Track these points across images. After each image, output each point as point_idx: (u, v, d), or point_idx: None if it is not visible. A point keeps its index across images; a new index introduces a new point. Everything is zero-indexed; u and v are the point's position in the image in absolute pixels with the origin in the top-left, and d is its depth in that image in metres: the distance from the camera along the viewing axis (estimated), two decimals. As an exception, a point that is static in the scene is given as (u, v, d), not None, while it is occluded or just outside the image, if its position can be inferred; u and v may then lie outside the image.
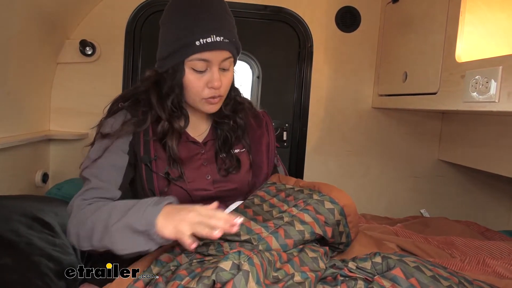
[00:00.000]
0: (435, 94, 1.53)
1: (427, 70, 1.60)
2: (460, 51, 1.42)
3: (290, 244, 0.91)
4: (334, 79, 2.16)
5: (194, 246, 0.80)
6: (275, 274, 0.80)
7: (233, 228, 0.80)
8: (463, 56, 1.41)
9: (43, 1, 1.54)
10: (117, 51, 1.96)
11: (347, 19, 2.13)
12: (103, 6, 1.93)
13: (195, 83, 1.02)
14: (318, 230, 0.94)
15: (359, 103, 2.19)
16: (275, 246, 0.89)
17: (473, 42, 1.41)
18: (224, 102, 1.15)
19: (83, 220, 0.92)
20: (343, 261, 0.93)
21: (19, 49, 1.52)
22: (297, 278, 0.79)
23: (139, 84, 1.13)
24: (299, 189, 1.07)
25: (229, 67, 1.06)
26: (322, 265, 0.87)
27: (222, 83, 1.04)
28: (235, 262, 0.75)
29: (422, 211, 2.23)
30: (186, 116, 1.12)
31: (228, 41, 1.01)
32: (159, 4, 1.95)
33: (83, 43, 1.87)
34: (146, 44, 1.99)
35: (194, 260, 0.87)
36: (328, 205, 0.98)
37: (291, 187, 1.10)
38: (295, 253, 0.90)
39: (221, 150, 1.16)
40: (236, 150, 1.18)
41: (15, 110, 1.59)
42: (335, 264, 0.90)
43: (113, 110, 1.10)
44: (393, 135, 2.23)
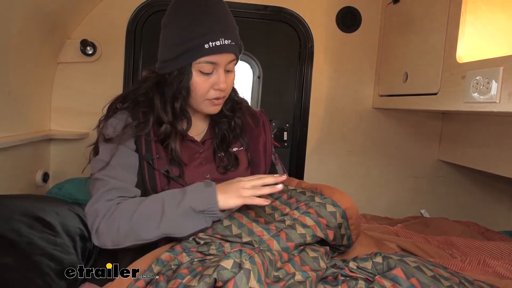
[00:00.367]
0: (435, 94, 1.53)
1: (428, 70, 1.61)
2: (460, 51, 1.42)
3: (291, 247, 0.91)
4: (335, 79, 2.16)
5: (268, 201, 0.93)
6: (276, 274, 0.80)
7: (283, 177, 0.96)
8: (464, 57, 1.41)
9: (44, 0, 1.54)
10: (117, 51, 1.96)
11: (348, 19, 2.13)
12: (104, 5, 1.93)
13: (202, 85, 1.03)
14: (319, 233, 0.94)
15: (360, 103, 2.19)
16: (276, 249, 0.89)
17: (473, 43, 1.41)
18: (224, 103, 1.16)
19: (123, 217, 0.93)
20: (344, 261, 0.93)
21: (20, 48, 1.52)
22: (298, 277, 0.79)
23: (138, 85, 1.13)
24: (301, 191, 1.07)
25: (232, 68, 1.08)
26: (323, 264, 0.88)
27: (227, 85, 1.06)
28: (236, 260, 0.75)
29: (422, 211, 2.23)
30: (189, 118, 1.12)
31: (235, 43, 1.02)
32: (160, 4, 1.96)
33: (84, 43, 1.87)
34: (147, 44, 1.99)
35: (195, 259, 0.87)
36: (330, 208, 0.98)
37: (293, 188, 1.10)
38: (296, 253, 0.90)
39: (219, 149, 1.17)
40: (234, 148, 1.19)
41: (15, 110, 1.59)
42: (336, 264, 0.90)
43: (112, 110, 1.11)
44: (393, 135, 2.23)
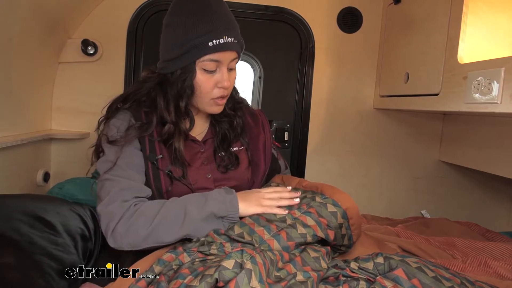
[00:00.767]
0: (437, 95, 1.53)
1: (429, 71, 1.60)
2: (462, 52, 1.42)
3: (292, 246, 0.91)
4: (336, 79, 2.16)
5: (286, 211, 0.98)
6: (277, 274, 0.80)
7: (297, 193, 1.05)
8: (465, 58, 1.41)
9: (45, 0, 1.54)
10: (119, 51, 1.96)
11: (349, 20, 2.13)
12: (105, 5, 1.93)
13: (206, 83, 1.04)
14: (320, 233, 0.94)
15: (361, 104, 2.19)
16: (277, 248, 0.89)
17: (475, 44, 1.41)
18: (227, 103, 1.16)
19: (143, 220, 0.94)
20: (345, 261, 0.93)
21: (21, 48, 1.52)
22: (299, 277, 0.79)
23: (140, 85, 1.12)
24: (303, 195, 1.06)
25: (234, 66, 1.09)
26: (324, 264, 0.87)
27: (230, 83, 1.07)
28: (237, 260, 0.75)
29: (423, 212, 2.23)
30: (192, 118, 1.12)
31: (237, 41, 1.03)
32: (161, 4, 1.96)
33: (85, 43, 1.87)
34: (148, 44, 1.99)
35: (196, 259, 0.87)
36: (330, 208, 0.98)
37: (294, 189, 1.10)
38: (297, 253, 0.90)
39: (219, 148, 1.17)
40: (235, 148, 1.20)
41: (16, 109, 1.59)
42: (337, 264, 0.90)
43: (112, 110, 1.10)
44: (394, 135, 2.23)
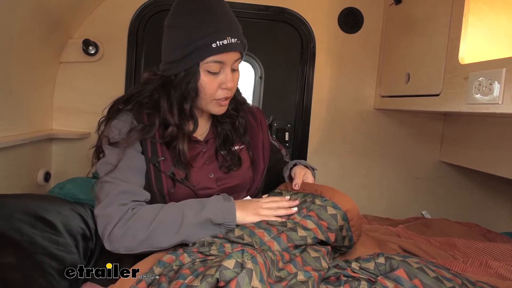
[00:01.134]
0: (437, 95, 1.53)
1: (430, 71, 1.60)
2: (463, 52, 1.42)
3: (292, 248, 0.91)
4: (337, 80, 2.16)
5: (285, 219, 0.99)
6: (278, 274, 0.80)
7: (295, 201, 1.05)
8: (466, 58, 1.41)
9: (46, 0, 1.55)
10: (120, 51, 1.96)
11: (350, 20, 2.13)
12: (106, 5, 1.93)
13: (210, 85, 1.03)
14: (320, 236, 0.94)
15: (361, 104, 2.19)
16: (277, 249, 0.89)
17: (476, 44, 1.41)
18: (230, 104, 1.16)
19: (140, 225, 0.94)
20: (346, 261, 0.93)
21: (22, 48, 1.52)
22: (300, 277, 0.79)
23: (142, 87, 1.11)
24: (303, 199, 1.06)
25: (237, 67, 1.08)
26: (325, 264, 0.87)
27: (234, 84, 1.07)
28: (238, 260, 0.75)
29: (423, 212, 2.23)
30: (196, 119, 1.12)
31: (240, 42, 1.03)
32: (162, 4, 1.96)
33: (86, 43, 1.87)
34: (149, 44, 1.99)
35: (196, 260, 0.87)
36: (330, 210, 0.98)
37: (294, 194, 1.10)
38: (297, 253, 0.90)
39: (221, 148, 1.16)
40: (236, 147, 1.19)
41: (17, 109, 1.59)
42: (338, 264, 0.90)
43: (113, 112, 1.09)
44: (394, 136, 2.23)
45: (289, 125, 2.17)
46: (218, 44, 0.98)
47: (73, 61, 1.91)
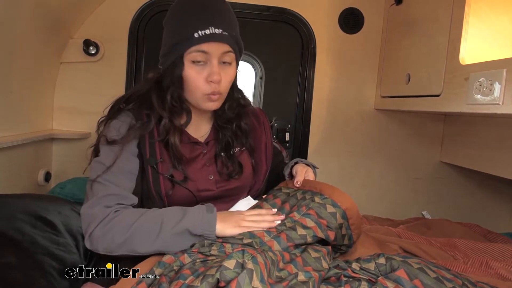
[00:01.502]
0: (438, 96, 1.53)
1: (430, 72, 1.60)
2: (464, 53, 1.42)
3: (292, 247, 0.91)
4: (337, 80, 2.16)
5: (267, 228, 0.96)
6: (279, 274, 0.80)
7: (280, 216, 1.00)
8: (467, 58, 1.41)
9: (47, 0, 1.55)
10: (120, 51, 1.96)
11: (350, 21, 2.13)
12: (107, 5, 1.93)
13: (196, 77, 1.02)
14: (320, 234, 0.94)
15: (362, 105, 2.19)
16: (277, 249, 0.89)
17: (477, 45, 1.41)
18: (227, 103, 1.14)
19: (120, 228, 0.93)
20: (347, 261, 0.93)
21: (23, 48, 1.52)
22: (301, 277, 0.79)
23: (141, 86, 1.12)
24: (302, 196, 1.06)
25: (230, 63, 1.05)
26: (325, 264, 0.87)
27: (223, 78, 1.03)
28: (239, 261, 0.75)
29: (424, 212, 2.23)
30: (188, 111, 1.10)
31: (227, 34, 1.00)
32: (163, 4, 1.96)
33: (87, 43, 1.87)
34: (150, 44, 1.99)
35: (197, 260, 0.87)
36: (330, 208, 0.98)
37: (293, 191, 1.10)
38: (298, 253, 0.90)
39: (221, 153, 1.15)
40: (237, 149, 1.18)
41: (18, 109, 1.59)
42: (338, 265, 0.90)
43: (114, 111, 1.10)
44: (395, 136, 2.23)
45: (289, 125, 2.16)
46: (200, 34, 0.97)
47: (73, 61, 1.91)
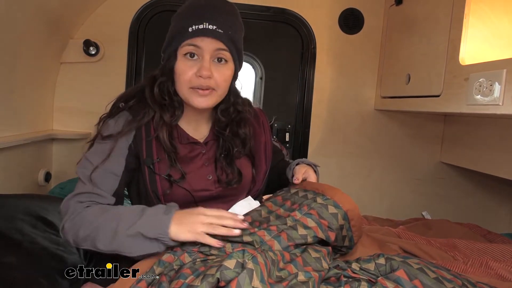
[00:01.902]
0: (438, 96, 1.53)
1: (430, 72, 1.61)
2: (464, 53, 1.42)
3: (292, 247, 0.91)
4: (337, 80, 2.16)
5: (221, 244, 0.88)
6: (279, 274, 0.80)
7: (243, 224, 0.91)
8: (467, 59, 1.41)
9: (48, 1, 1.55)
10: (120, 51, 1.96)
11: (350, 21, 2.13)
12: (107, 6, 1.94)
13: (185, 70, 1.01)
14: (321, 234, 0.94)
15: (362, 105, 2.19)
16: (277, 249, 0.89)
17: (476, 45, 1.41)
18: (220, 106, 1.13)
19: (84, 222, 0.93)
20: (347, 262, 0.93)
21: (23, 48, 1.53)
22: (300, 277, 0.79)
23: (141, 81, 1.13)
24: (303, 193, 1.06)
25: (226, 62, 1.04)
26: (325, 265, 0.87)
27: (214, 76, 1.02)
28: (239, 260, 0.75)
29: (424, 213, 2.23)
30: (180, 104, 1.09)
31: (222, 32, 1.00)
32: (163, 5, 1.96)
33: (87, 43, 1.88)
34: (150, 44, 1.99)
35: (197, 259, 0.87)
36: (331, 209, 0.98)
37: (295, 191, 1.10)
38: (298, 253, 0.90)
39: (221, 155, 1.15)
40: (235, 149, 1.18)
41: (18, 110, 1.59)
42: (338, 265, 0.90)
43: (114, 110, 1.10)
44: (395, 137, 2.24)
45: (289, 125, 2.17)
46: (194, 28, 0.99)
47: (74, 61, 1.92)
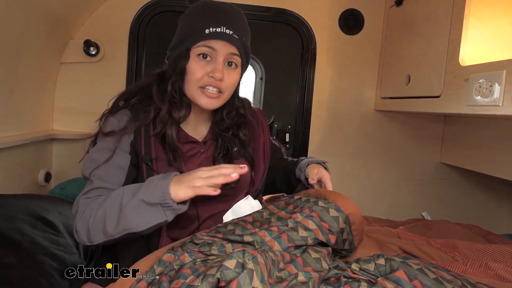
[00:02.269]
0: (438, 97, 1.53)
1: (430, 73, 1.61)
2: (463, 54, 1.42)
3: (292, 248, 0.91)
4: (337, 81, 2.16)
5: (218, 192, 0.89)
6: (279, 274, 0.80)
7: (243, 169, 0.91)
8: (467, 60, 1.41)
9: (48, 1, 1.55)
10: (121, 51, 1.96)
11: (351, 22, 2.13)
12: (107, 6, 1.94)
13: (198, 70, 1.03)
14: (321, 237, 0.94)
15: (362, 105, 2.19)
16: (278, 250, 0.89)
17: (476, 46, 1.42)
18: (226, 109, 1.15)
19: (92, 214, 0.93)
20: (347, 262, 0.93)
21: (24, 48, 1.53)
22: (300, 277, 0.79)
23: (143, 79, 1.14)
24: (306, 198, 1.06)
25: (235, 66, 1.07)
26: (325, 265, 0.87)
27: (225, 79, 1.04)
28: (239, 261, 0.75)
29: (424, 213, 2.23)
30: (188, 104, 1.10)
31: (238, 37, 1.03)
32: (163, 5, 1.96)
33: (87, 43, 1.88)
34: (150, 44, 1.99)
35: (197, 259, 0.87)
36: (333, 212, 0.98)
37: (298, 197, 1.10)
38: (298, 254, 0.90)
39: (219, 155, 1.16)
40: (235, 148, 1.18)
41: (18, 109, 1.59)
42: (338, 265, 0.90)
43: (115, 107, 1.10)
44: (395, 137, 2.24)
45: (289, 126, 2.17)
46: (211, 31, 1.00)
47: (74, 61, 1.92)
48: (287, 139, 2.15)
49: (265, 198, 1.27)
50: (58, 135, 1.89)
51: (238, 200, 1.16)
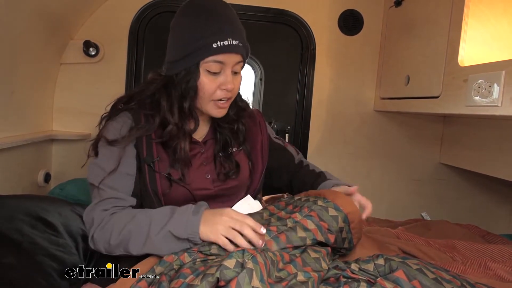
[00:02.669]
0: (437, 97, 1.53)
1: (430, 73, 1.61)
2: (463, 55, 1.42)
3: (290, 248, 0.91)
4: (337, 81, 2.16)
5: (235, 249, 0.85)
6: (278, 274, 0.80)
7: (258, 242, 0.87)
8: (466, 60, 1.41)
9: (48, 1, 1.55)
10: (120, 52, 1.96)
11: (350, 22, 2.14)
12: (107, 7, 1.94)
13: (209, 85, 1.03)
14: (320, 237, 0.94)
15: (361, 106, 2.20)
16: (275, 249, 0.89)
17: (476, 46, 1.42)
18: (229, 111, 1.15)
19: (114, 230, 0.96)
20: (346, 262, 0.93)
21: (23, 49, 1.53)
22: (300, 277, 0.79)
23: (145, 86, 1.12)
24: (306, 198, 1.07)
25: (239, 70, 1.08)
26: (325, 265, 0.88)
27: (234, 86, 1.06)
28: (239, 260, 0.76)
29: (423, 214, 2.23)
30: (196, 118, 1.11)
31: (242, 45, 1.03)
32: (163, 6, 1.96)
33: (87, 44, 1.88)
34: (150, 45, 1.99)
35: (197, 259, 0.88)
36: (332, 212, 0.98)
37: (299, 197, 1.10)
38: (298, 254, 0.90)
39: (219, 152, 1.16)
40: (234, 148, 1.19)
41: (18, 110, 1.59)
42: (337, 266, 0.90)
43: (114, 111, 1.10)
44: (394, 138, 2.24)
45: (289, 126, 2.17)
46: (219, 45, 0.99)
47: (73, 62, 1.92)
48: (287, 140, 2.16)
49: (265, 198, 1.28)
50: (57, 135, 1.89)
51: (238, 200, 1.17)
